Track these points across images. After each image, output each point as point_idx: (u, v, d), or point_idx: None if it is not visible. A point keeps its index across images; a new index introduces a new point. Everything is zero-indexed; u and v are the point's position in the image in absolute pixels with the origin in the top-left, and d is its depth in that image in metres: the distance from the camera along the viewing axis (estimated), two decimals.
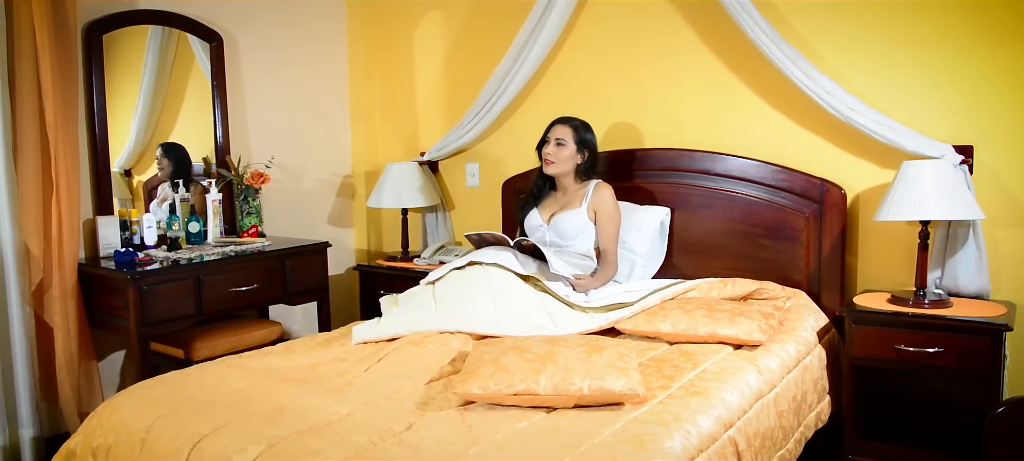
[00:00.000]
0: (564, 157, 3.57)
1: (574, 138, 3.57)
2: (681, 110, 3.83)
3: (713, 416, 2.34)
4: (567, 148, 3.56)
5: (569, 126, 3.58)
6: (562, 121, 3.61)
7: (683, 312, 3.04)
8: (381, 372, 2.66)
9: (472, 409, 2.33)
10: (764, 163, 3.57)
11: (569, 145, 3.56)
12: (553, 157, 3.58)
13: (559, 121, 3.61)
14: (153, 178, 4.09)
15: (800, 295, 3.39)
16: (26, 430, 3.48)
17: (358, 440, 2.13)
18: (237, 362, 2.85)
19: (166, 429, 2.30)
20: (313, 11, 4.70)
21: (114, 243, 3.77)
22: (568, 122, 3.60)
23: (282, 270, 3.95)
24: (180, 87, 4.22)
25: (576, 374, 2.31)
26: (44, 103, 3.38)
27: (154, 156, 4.10)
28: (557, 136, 3.57)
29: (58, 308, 3.47)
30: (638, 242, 3.63)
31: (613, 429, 2.17)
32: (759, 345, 2.89)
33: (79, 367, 3.56)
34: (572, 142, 3.56)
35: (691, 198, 3.72)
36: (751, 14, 3.38)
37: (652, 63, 3.88)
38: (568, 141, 3.56)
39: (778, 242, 3.54)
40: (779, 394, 2.73)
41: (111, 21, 3.80)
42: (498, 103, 4.17)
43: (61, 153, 3.42)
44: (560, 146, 3.56)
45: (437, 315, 3.03)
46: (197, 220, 3.97)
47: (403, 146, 4.84)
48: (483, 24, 4.41)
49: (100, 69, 3.77)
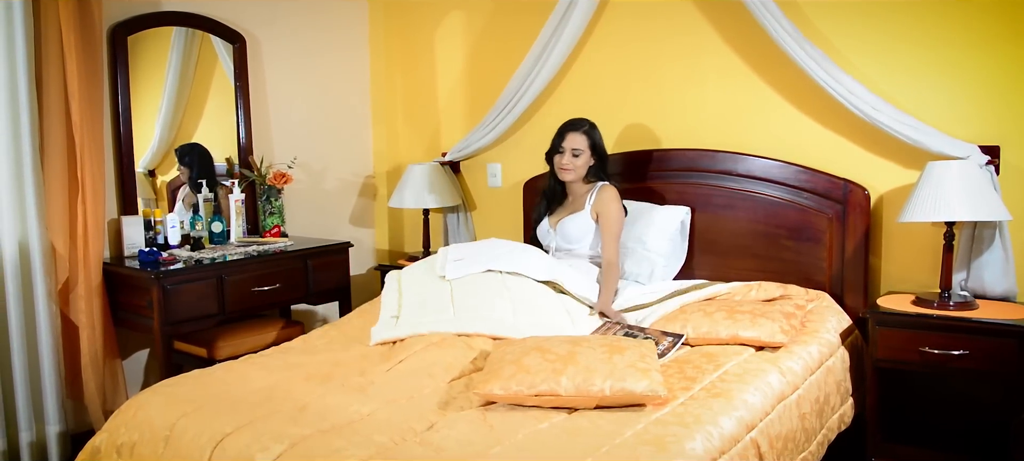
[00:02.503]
0: (581, 164, 3.59)
1: (589, 145, 3.57)
2: (703, 110, 3.81)
3: (735, 418, 2.33)
4: (583, 155, 3.58)
5: (582, 133, 3.58)
6: (573, 128, 3.60)
7: (704, 314, 3.03)
8: (403, 371, 2.67)
9: (493, 409, 2.33)
10: (786, 163, 3.54)
11: (584, 152, 3.57)
12: (569, 166, 3.59)
13: (571, 129, 3.60)
14: (176, 179, 4.12)
15: (823, 296, 3.37)
16: (52, 427, 3.52)
17: (380, 439, 2.13)
18: (260, 361, 2.87)
19: (190, 427, 2.31)
20: (335, 12, 4.72)
21: (138, 243, 3.80)
22: (579, 128, 3.59)
23: (304, 270, 3.97)
24: (203, 88, 4.25)
25: (597, 375, 2.31)
26: (70, 104, 3.42)
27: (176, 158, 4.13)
28: (573, 146, 3.57)
29: (83, 307, 3.50)
30: (659, 241, 3.62)
31: (634, 430, 2.17)
32: (781, 347, 2.87)
33: (104, 365, 3.59)
34: (587, 149, 3.57)
35: (713, 199, 3.71)
36: (774, 14, 3.36)
37: (674, 63, 3.87)
38: (584, 149, 3.57)
39: (801, 243, 3.52)
40: (801, 396, 2.71)
41: (136, 23, 3.84)
42: (520, 103, 4.17)
43: (87, 153, 3.45)
44: (576, 156, 3.57)
45: (455, 319, 3.03)
46: (220, 220, 3.99)
47: (424, 146, 4.85)
48: (505, 24, 4.41)
49: (125, 70, 3.80)
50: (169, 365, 3.51)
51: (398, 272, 3.52)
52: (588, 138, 3.57)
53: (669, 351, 2.81)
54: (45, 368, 3.48)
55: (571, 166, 3.58)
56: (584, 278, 3.40)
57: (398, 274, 3.49)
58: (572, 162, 3.57)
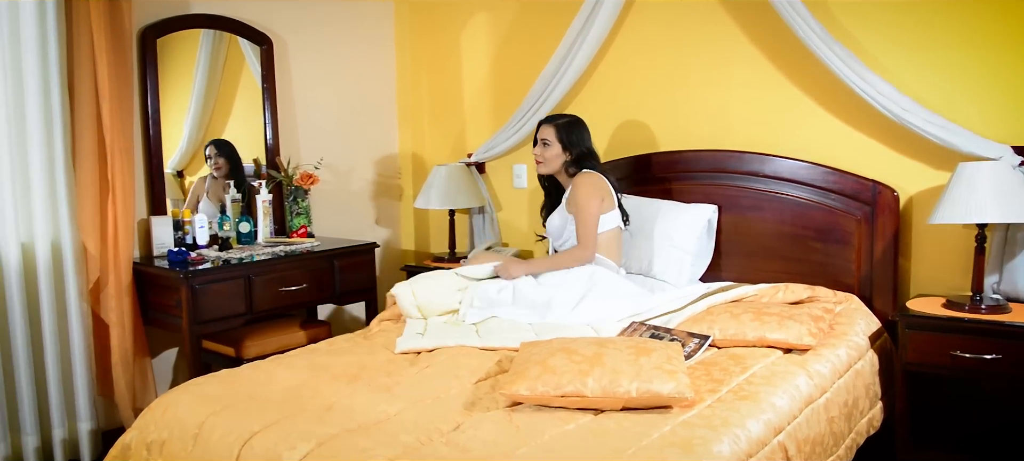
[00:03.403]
0: (550, 157, 3.57)
1: (557, 136, 3.56)
2: (730, 111, 3.79)
3: (762, 421, 2.31)
4: (552, 148, 3.56)
5: (552, 125, 3.59)
6: (546, 120, 3.62)
7: (730, 316, 3.01)
8: (429, 373, 2.68)
9: (519, 410, 2.33)
10: (814, 165, 3.52)
11: (553, 145, 3.56)
12: (540, 157, 3.60)
13: (543, 121, 3.63)
14: (199, 181, 4.15)
15: (851, 299, 3.34)
16: (84, 424, 3.56)
17: (406, 439, 2.14)
18: (287, 360, 2.89)
19: (218, 425, 2.33)
20: (361, 14, 4.74)
21: (167, 243, 3.84)
22: (551, 121, 3.61)
23: (331, 270, 3.99)
24: (231, 89, 4.29)
25: (624, 376, 2.30)
26: (101, 106, 3.46)
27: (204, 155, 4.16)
28: (542, 136, 3.59)
29: (114, 306, 3.55)
30: (686, 240, 3.60)
31: (661, 432, 2.16)
32: (809, 349, 2.85)
33: (134, 363, 3.63)
34: (556, 141, 3.56)
35: (740, 200, 3.69)
36: (801, 14, 3.34)
37: (700, 63, 3.85)
38: (552, 141, 3.56)
39: (829, 245, 3.49)
40: (830, 399, 2.69)
41: (165, 25, 3.88)
42: (545, 105, 4.17)
43: (117, 155, 3.49)
44: (545, 146, 3.57)
45: (480, 340, 3.02)
46: (248, 220, 4.02)
47: (450, 147, 4.86)
48: (530, 25, 4.41)
49: (154, 72, 3.84)
50: (197, 364, 3.54)
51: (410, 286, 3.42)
52: (557, 130, 3.56)
53: (696, 353, 2.80)
54: (77, 366, 3.52)
55: (541, 157, 3.59)
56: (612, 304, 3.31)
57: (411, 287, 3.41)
58: (541, 153, 3.58)
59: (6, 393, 3.36)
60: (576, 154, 3.57)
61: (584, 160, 3.57)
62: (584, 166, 3.56)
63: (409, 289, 3.36)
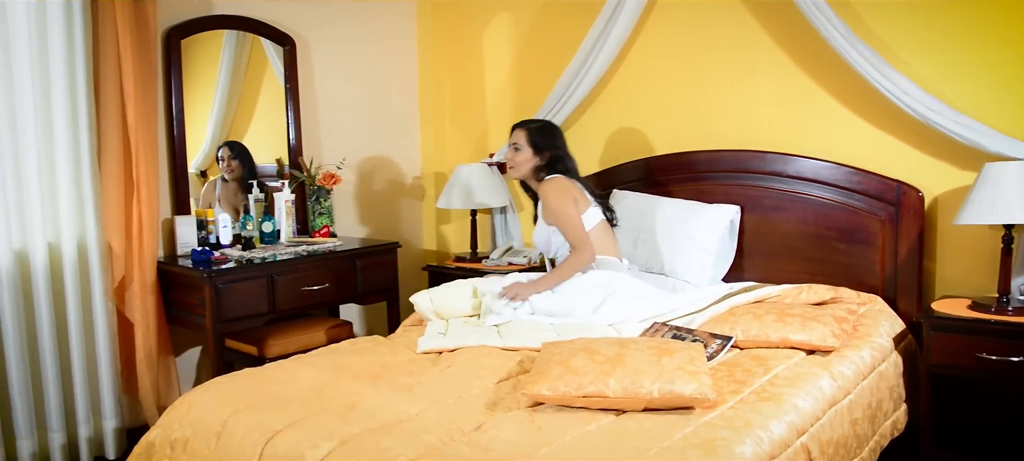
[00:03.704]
0: (520, 161, 3.56)
1: (527, 140, 3.54)
2: (752, 111, 3.77)
3: (785, 422, 2.30)
4: (522, 152, 3.55)
5: (523, 129, 3.57)
6: (518, 124, 3.62)
7: (753, 317, 2.99)
8: (450, 373, 2.68)
9: (541, 410, 2.33)
10: (838, 165, 3.50)
11: (524, 149, 3.54)
12: (511, 162, 3.60)
13: (516, 125, 3.62)
14: (211, 183, 4.17)
15: (875, 300, 3.31)
16: (109, 421, 3.59)
17: (428, 439, 2.14)
18: (309, 359, 2.90)
19: (241, 424, 2.35)
20: (384, 15, 4.76)
21: (191, 242, 3.87)
22: (523, 125, 3.60)
23: (353, 270, 4.01)
24: (254, 90, 4.32)
25: (646, 377, 2.30)
26: (126, 106, 3.50)
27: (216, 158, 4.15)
28: (513, 141, 3.58)
29: (138, 304, 3.58)
30: (709, 240, 3.59)
31: (683, 433, 2.15)
32: (832, 351, 2.83)
33: (158, 362, 3.66)
34: (526, 145, 3.54)
35: (763, 200, 3.67)
36: (826, 14, 3.32)
37: (723, 62, 3.84)
38: (523, 145, 3.54)
39: (852, 245, 3.46)
40: (853, 401, 2.67)
41: (189, 26, 3.91)
42: (567, 105, 4.16)
43: (142, 155, 3.53)
44: (516, 150, 3.56)
45: (502, 341, 3.02)
46: (271, 220, 4.04)
47: (472, 147, 4.87)
48: (552, 26, 4.41)
49: (178, 73, 3.88)
50: (221, 363, 3.56)
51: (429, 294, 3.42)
52: (528, 134, 3.54)
53: (718, 354, 2.79)
54: (102, 364, 3.56)
55: (512, 162, 3.59)
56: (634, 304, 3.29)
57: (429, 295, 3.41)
58: (512, 157, 3.58)
59: (33, 391, 3.40)
60: (547, 158, 3.54)
61: (555, 165, 3.54)
62: (554, 171, 3.54)
63: (427, 296, 3.37)
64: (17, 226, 3.35)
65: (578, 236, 3.42)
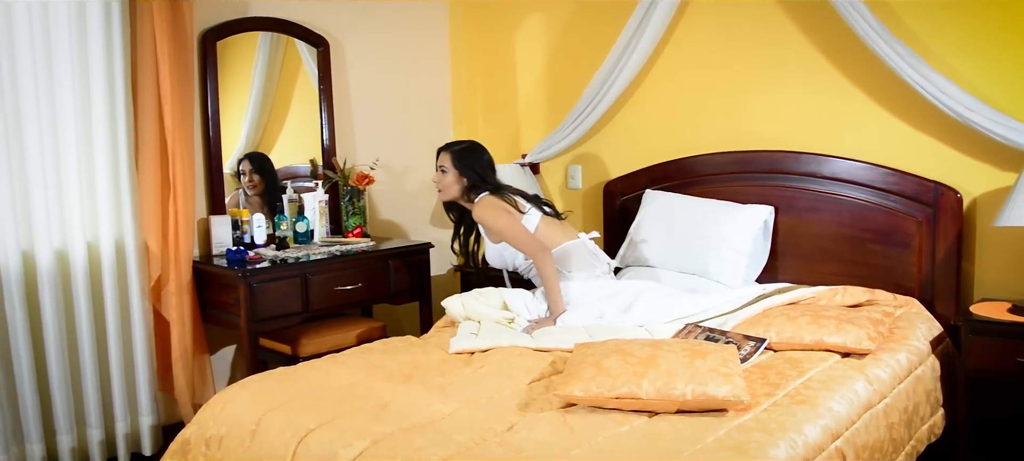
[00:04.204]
0: (447, 183, 3.62)
1: (452, 162, 3.59)
2: (786, 111, 3.74)
3: (820, 426, 2.28)
4: (448, 174, 3.60)
5: (448, 152, 3.62)
6: (444, 147, 3.66)
7: (787, 319, 2.97)
8: (483, 373, 2.69)
9: (573, 411, 2.33)
10: (874, 166, 3.46)
11: (450, 171, 3.60)
12: (439, 184, 3.66)
13: (441, 148, 3.66)
14: (234, 196, 4.15)
15: (912, 303, 3.27)
16: (145, 418, 3.64)
17: (460, 439, 2.15)
18: (342, 359, 2.92)
19: (275, 422, 2.37)
20: (416, 15, 4.78)
21: (226, 242, 3.90)
22: (448, 148, 3.64)
23: (385, 270, 4.02)
24: (288, 90, 4.35)
25: (679, 379, 2.29)
26: (163, 108, 3.54)
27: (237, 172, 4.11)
28: (439, 163, 3.63)
29: (174, 303, 3.62)
30: (742, 241, 3.56)
31: (716, 436, 2.14)
32: (868, 354, 2.79)
33: (193, 360, 3.71)
34: (451, 167, 3.59)
35: (797, 201, 3.64)
36: (860, 11, 3.28)
37: (756, 63, 3.81)
38: (448, 167, 3.60)
39: (888, 247, 3.42)
40: (889, 405, 2.64)
41: (225, 28, 3.95)
42: (600, 105, 4.15)
43: (178, 155, 3.57)
44: (443, 173, 3.62)
45: (534, 341, 3.03)
46: (304, 220, 4.07)
47: (505, 148, 4.87)
48: (585, 26, 4.40)
49: (214, 74, 3.92)
50: (255, 361, 3.60)
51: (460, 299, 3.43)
52: (452, 157, 3.60)
53: (751, 356, 2.77)
54: (139, 362, 3.60)
55: (440, 185, 3.64)
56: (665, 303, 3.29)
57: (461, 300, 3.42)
58: (440, 180, 3.63)
59: (72, 387, 3.46)
60: (472, 180, 3.59)
61: (480, 186, 3.60)
62: (480, 192, 3.59)
63: (459, 301, 3.39)
64: (57, 226, 3.40)
65: (525, 242, 3.49)
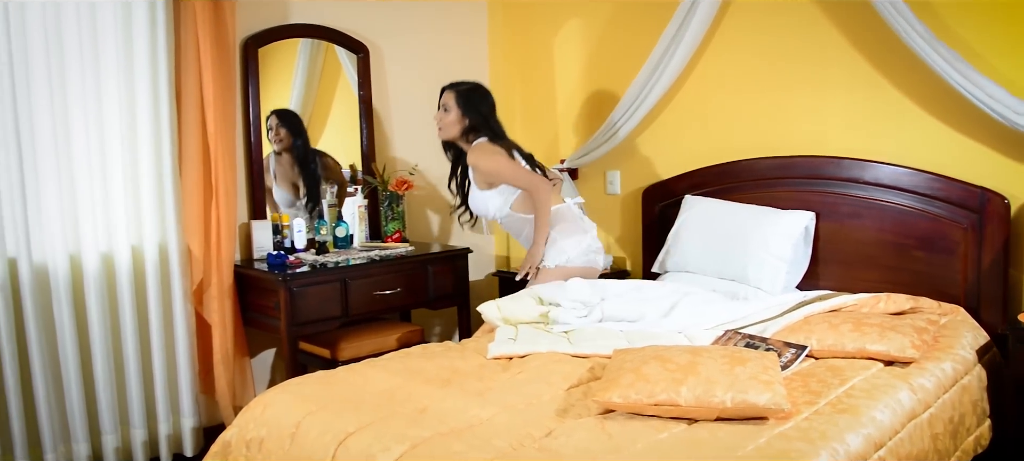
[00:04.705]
0: (448, 122, 3.63)
1: (455, 102, 3.61)
2: (828, 116, 3.70)
3: (862, 435, 2.24)
4: (450, 113, 3.62)
5: (453, 91, 3.64)
6: (447, 87, 3.67)
7: (829, 326, 2.93)
8: (521, 379, 2.68)
9: (612, 417, 2.32)
10: (918, 171, 3.40)
11: (452, 110, 3.61)
12: (439, 123, 3.67)
13: (446, 87, 3.67)
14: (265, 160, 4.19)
15: (957, 310, 3.21)
16: (187, 420, 3.69)
17: (498, 444, 2.15)
18: (381, 363, 2.93)
19: (315, 425, 2.38)
20: (455, 22, 4.80)
21: (267, 246, 3.95)
22: (453, 87, 3.66)
23: (424, 275, 4.04)
24: (328, 96, 4.39)
25: (718, 386, 2.27)
26: (206, 113, 3.59)
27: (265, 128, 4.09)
28: (442, 102, 3.65)
29: (216, 306, 3.67)
30: (783, 247, 3.52)
31: (756, 444, 2.12)
32: (912, 362, 2.75)
33: (234, 363, 3.75)
34: (454, 106, 3.61)
35: (838, 207, 3.59)
36: (904, 15, 3.23)
37: (797, 67, 3.77)
38: (451, 106, 3.61)
39: (933, 254, 3.37)
40: (934, 415, 2.59)
41: (267, 35, 4.00)
42: (639, 110, 4.14)
43: (220, 160, 3.62)
44: (445, 112, 3.63)
45: (572, 347, 3.02)
46: (344, 225, 4.10)
47: (543, 153, 4.86)
48: (623, 31, 4.39)
49: (256, 81, 3.97)
50: (294, 364, 3.63)
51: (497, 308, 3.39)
52: (457, 96, 3.61)
53: (792, 363, 2.74)
54: (181, 364, 3.66)
55: (440, 123, 3.66)
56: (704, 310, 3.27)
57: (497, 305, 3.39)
58: (441, 118, 3.65)
59: (117, 389, 3.51)
60: (474, 121, 3.61)
61: (481, 128, 3.62)
62: (479, 136, 3.61)
63: (495, 306, 3.37)
64: (103, 230, 3.46)
65: (524, 177, 3.55)
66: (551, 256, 3.53)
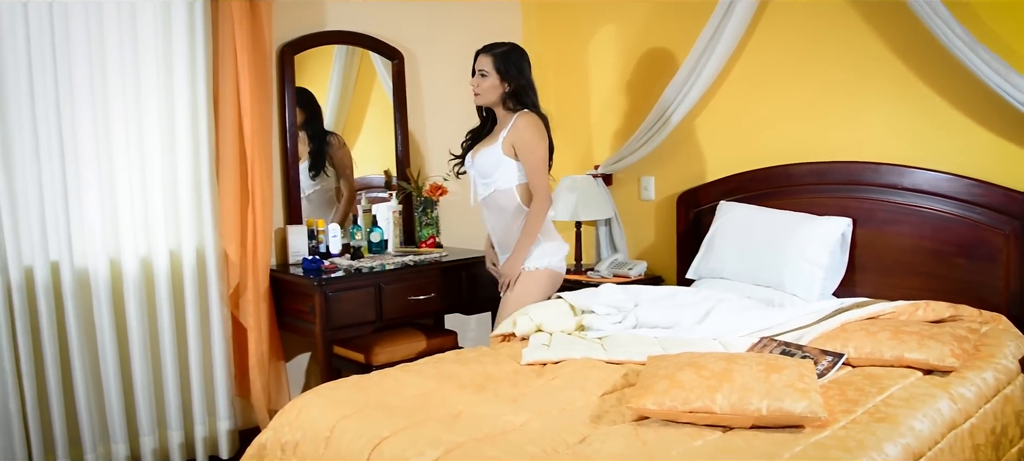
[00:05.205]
0: (486, 87, 3.45)
1: (494, 66, 3.43)
2: (865, 121, 3.66)
3: (900, 445, 2.21)
4: (488, 78, 3.44)
5: (490, 54, 3.46)
6: (484, 49, 3.49)
7: (866, 334, 2.89)
8: (555, 385, 2.68)
9: (646, 424, 2.31)
10: (958, 177, 3.35)
11: (491, 75, 3.44)
12: (476, 88, 3.48)
13: (480, 50, 3.50)
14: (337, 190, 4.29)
15: (999, 319, 3.15)
16: (223, 422, 3.73)
17: (532, 450, 2.15)
18: (415, 368, 2.94)
19: (349, 429, 2.40)
20: (489, 28, 4.81)
21: (302, 251, 3.98)
22: (490, 50, 3.48)
23: (458, 280, 4.05)
24: (362, 102, 4.42)
25: (754, 393, 2.25)
26: (243, 120, 3.64)
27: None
28: (479, 67, 3.46)
29: (252, 310, 3.71)
30: (819, 254, 3.49)
31: (792, 452, 2.09)
32: (952, 371, 2.69)
33: (269, 366, 3.79)
34: (493, 71, 3.43)
35: (876, 213, 3.55)
36: (944, 18, 3.19)
37: (834, 72, 3.73)
38: (489, 71, 3.43)
39: (973, 261, 3.31)
40: (975, 425, 2.54)
41: (302, 42, 4.04)
42: (674, 116, 4.12)
43: (257, 166, 3.66)
44: (483, 77, 3.45)
45: (606, 354, 3.01)
46: (378, 230, 4.13)
47: (577, 159, 4.86)
48: (657, 37, 4.38)
49: (292, 87, 4.01)
50: (329, 369, 3.66)
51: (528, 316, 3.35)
52: (495, 60, 3.43)
53: (829, 371, 2.70)
54: (217, 367, 3.70)
55: (478, 88, 3.47)
56: (739, 317, 3.25)
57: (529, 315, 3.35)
58: (478, 83, 3.46)
59: (155, 391, 3.56)
60: (515, 85, 3.45)
61: (523, 95, 3.46)
62: (525, 104, 3.47)
63: (526, 314, 3.35)
64: (142, 234, 3.52)
65: (543, 181, 3.41)
66: (536, 258, 3.47)
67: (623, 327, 3.26)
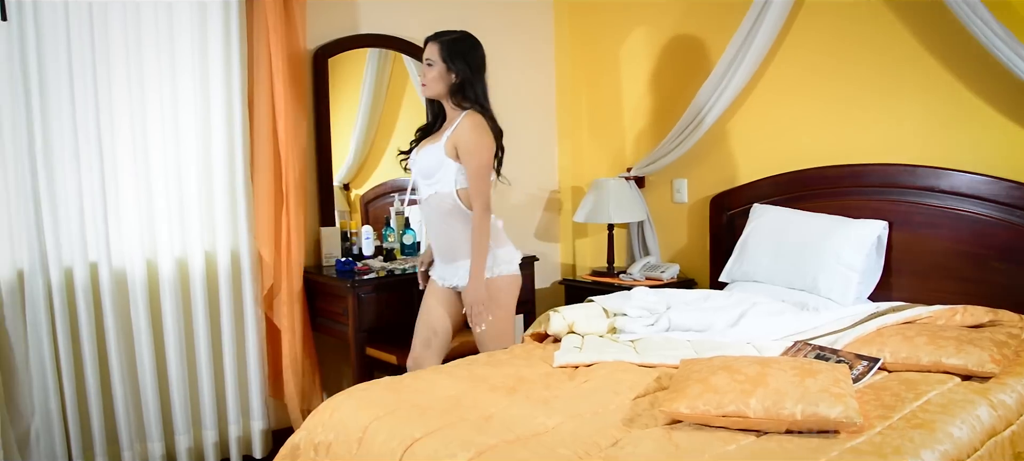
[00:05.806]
0: (432, 78, 3.22)
1: (440, 55, 3.20)
2: (902, 122, 3.61)
3: (938, 452, 2.17)
4: (434, 67, 3.21)
5: (437, 43, 3.22)
6: (432, 37, 3.26)
7: (903, 338, 2.85)
8: (587, 388, 2.67)
9: (679, 428, 2.29)
10: (997, 179, 3.30)
11: (437, 64, 3.21)
12: (423, 79, 3.26)
13: (429, 38, 3.27)
14: (370, 192, 4.31)
15: None
16: (256, 422, 3.76)
17: (564, 453, 2.14)
18: (447, 370, 2.95)
19: (381, 430, 2.41)
20: (521, 30, 4.82)
21: (335, 253, 4.01)
22: (437, 38, 3.25)
23: None
24: (395, 105, 4.44)
25: (788, 398, 2.22)
26: (277, 123, 3.67)
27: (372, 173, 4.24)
28: (426, 56, 3.24)
29: (285, 312, 3.73)
30: (854, 257, 3.45)
31: (828, 457, 2.07)
32: (991, 377, 2.65)
33: (302, 367, 3.81)
34: (439, 60, 3.20)
35: (913, 216, 3.50)
36: (981, 15, 3.14)
37: (869, 73, 3.69)
38: (435, 60, 3.21)
39: (1013, 265, 3.26)
40: (1016, 433, 2.49)
41: (336, 46, 4.07)
42: (707, 118, 4.10)
43: (291, 168, 3.69)
44: (429, 66, 3.23)
45: (638, 357, 3.00)
46: (411, 232, 4.14)
47: (609, 161, 4.85)
48: (690, 39, 4.35)
49: (325, 90, 4.03)
50: (362, 370, 3.67)
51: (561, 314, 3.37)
52: (441, 48, 3.20)
53: (864, 376, 2.67)
54: (251, 368, 3.73)
55: (424, 79, 3.25)
56: (773, 321, 3.22)
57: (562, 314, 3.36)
58: (425, 73, 3.25)
59: (190, 391, 3.60)
60: (461, 78, 3.22)
61: (468, 88, 3.23)
62: (476, 104, 3.25)
63: (560, 315, 3.35)
64: (178, 236, 3.56)
65: (485, 193, 3.19)
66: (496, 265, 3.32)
67: (655, 330, 3.24)
